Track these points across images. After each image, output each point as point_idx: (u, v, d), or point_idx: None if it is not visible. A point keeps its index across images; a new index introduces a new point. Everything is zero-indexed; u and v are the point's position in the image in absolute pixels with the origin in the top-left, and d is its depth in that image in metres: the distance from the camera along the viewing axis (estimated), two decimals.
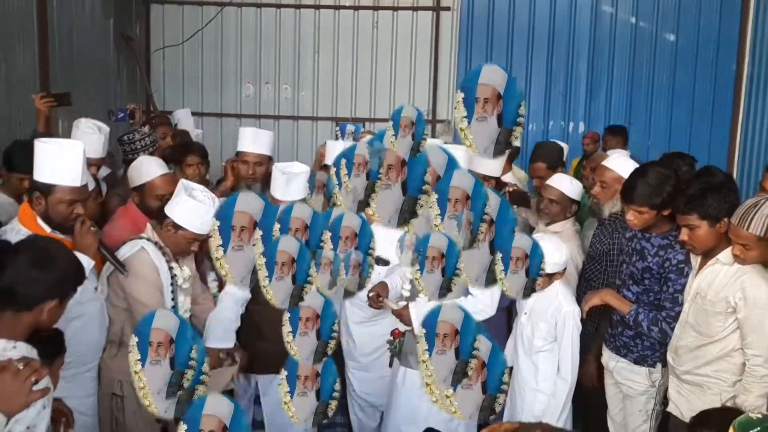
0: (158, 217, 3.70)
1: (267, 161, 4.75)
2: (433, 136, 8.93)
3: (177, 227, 3.59)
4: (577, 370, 3.92)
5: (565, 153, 5.64)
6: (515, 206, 4.16)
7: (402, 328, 3.79)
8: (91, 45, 8.23)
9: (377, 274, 3.79)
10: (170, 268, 3.59)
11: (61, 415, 2.70)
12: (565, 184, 4.61)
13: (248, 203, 2.51)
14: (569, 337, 3.80)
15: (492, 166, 4.20)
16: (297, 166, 4.05)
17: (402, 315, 3.61)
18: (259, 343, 3.98)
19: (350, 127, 7.87)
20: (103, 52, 8.60)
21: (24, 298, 2.47)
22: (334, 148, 4.45)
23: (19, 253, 2.49)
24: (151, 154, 4.68)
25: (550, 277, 3.77)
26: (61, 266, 2.55)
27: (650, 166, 3.86)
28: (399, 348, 3.83)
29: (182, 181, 3.66)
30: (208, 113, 9.93)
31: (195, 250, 3.68)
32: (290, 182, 3.94)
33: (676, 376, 3.76)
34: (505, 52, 9.70)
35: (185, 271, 3.66)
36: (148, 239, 3.61)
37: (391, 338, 3.89)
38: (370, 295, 3.78)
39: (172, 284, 3.56)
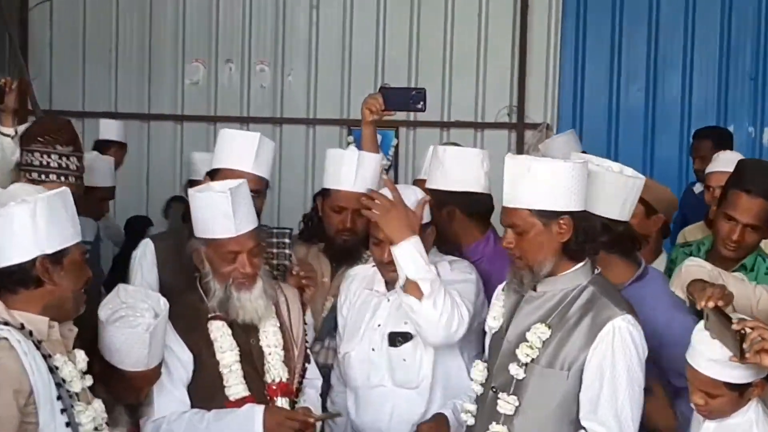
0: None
1: (265, 189, 3.76)
2: (519, 145, 7.84)
3: (60, 258, 2.85)
4: None
5: None
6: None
7: None
8: None
9: (401, 362, 3.38)
10: (52, 370, 2.80)
11: None
12: None
13: None
14: None
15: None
16: None
17: None
18: None
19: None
20: None
21: None
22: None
23: None
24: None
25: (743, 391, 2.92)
26: None
27: None
28: None
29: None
30: (126, 114, 8.19)
31: (81, 310, 2.95)
32: None
33: None
34: (647, 18, 7.89)
35: (79, 359, 2.89)
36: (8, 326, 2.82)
37: None
38: None
39: (59, 395, 2.80)
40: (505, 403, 2.90)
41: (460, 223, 3.69)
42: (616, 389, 2.79)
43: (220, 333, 3.11)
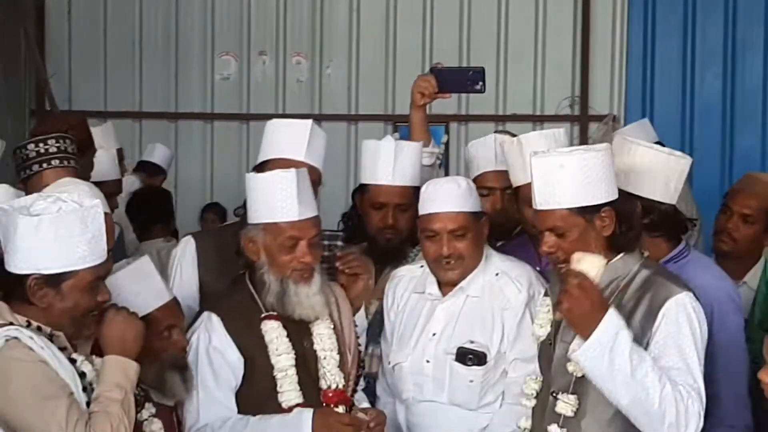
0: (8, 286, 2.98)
1: (319, 181, 3.65)
2: (583, 139, 7.70)
3: (57, 281, 2.85)
4: None
5: None
6: None
7: None
8: None
9: (466, 382, 3.28)
10: (73, 362, 2.83)
11: None
12: None
13: None
14: None
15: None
16: None
17: None
18: None
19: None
20: None
21: None
22: None
23: None
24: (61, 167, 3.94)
25: None
26: None
27: None
28: None
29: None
30: (152, 113, 8.22)
31: (84, 334, 2.96)
32: None
33: None
34: None
35: (96, 361, 2.96)
36: (14, 325, 2.84)
37: None
38: None
39: (84, 390, 2.82)
40: (564, 404, 2.88)
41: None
42: (686, 361, 2.78)
43: (275, 334, 3.01)
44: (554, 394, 2.91)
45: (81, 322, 2.81)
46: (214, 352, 3.06)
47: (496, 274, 3.20)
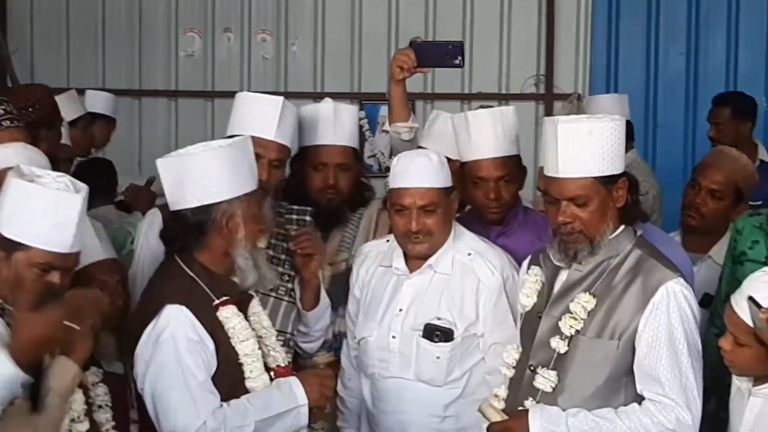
0: None
1: (287, 160, 3.67)
2: (549, 116, 6.89)
3: (11, 247, 2.84)
4: None
5: None
6: None
7: None
8: None
9: (433, 359, 3.27)
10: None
11: None
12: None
13: None
14: None
15: None
16: None
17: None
18: None
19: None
20: None
21: None
22: None
23: None
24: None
25: None
26: None
27: None
28: None
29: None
30: (116, 90, 7.66)
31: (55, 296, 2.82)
32: None
33: None
34: None
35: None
36: None
37: None
38: None
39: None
40: (544, 379, 2.85)
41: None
42: (677, 358, 2.75)
43: (236, 320, 2.93)
44: (532, 368, 2.88)
45: (24, 300, 2.73)
46: (196, 345, 2.97)
47: (469, 254, 3.18)
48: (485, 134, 3.61)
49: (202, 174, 2.97)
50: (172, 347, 2.80)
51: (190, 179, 2.98)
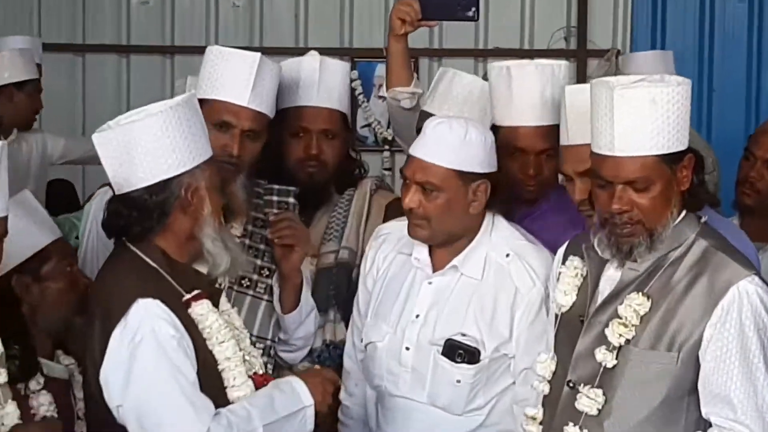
0: None
1: (265, 130, 3.54)
2: (581, 77, 6.84)
3: None
4: None
5: None
6: None
7: None
8: None
9: (452, 382, 3.18)
10: None
11: None
12: None
13: None
14: None
15: None
16: None
17: None
18: None
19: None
20: None
21: None
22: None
23: None
24: None
25: None
26: None
27: None
28: None
29: None
30: (53, 45, 7.37)
31: None
32: None
33: None
34: None
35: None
36: None
37: None
38: None
39: None
40: (588, 399, 2.74)
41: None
42: (752, 374, 2.60)
43: (212, 318, 2.78)
44: (572, 384, 2.74)
45: None
46: (181, 341, 2.79)
47: (507, 255, 2.94)
48: (531, 95, 3.34)
49: (153, 144, 2.83)
50: (154, 347, 2.64)
51: (139, 152, 2.83)
